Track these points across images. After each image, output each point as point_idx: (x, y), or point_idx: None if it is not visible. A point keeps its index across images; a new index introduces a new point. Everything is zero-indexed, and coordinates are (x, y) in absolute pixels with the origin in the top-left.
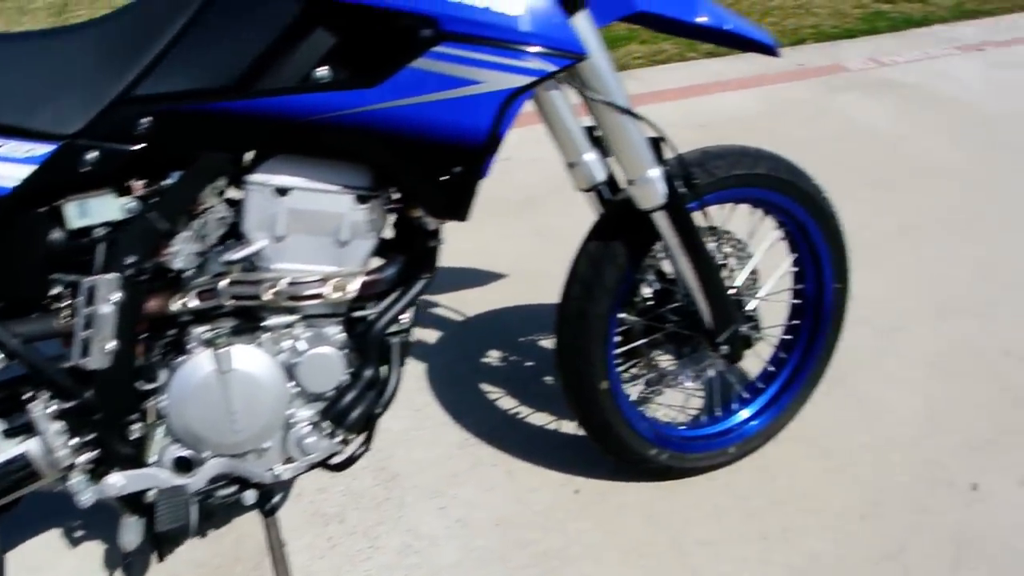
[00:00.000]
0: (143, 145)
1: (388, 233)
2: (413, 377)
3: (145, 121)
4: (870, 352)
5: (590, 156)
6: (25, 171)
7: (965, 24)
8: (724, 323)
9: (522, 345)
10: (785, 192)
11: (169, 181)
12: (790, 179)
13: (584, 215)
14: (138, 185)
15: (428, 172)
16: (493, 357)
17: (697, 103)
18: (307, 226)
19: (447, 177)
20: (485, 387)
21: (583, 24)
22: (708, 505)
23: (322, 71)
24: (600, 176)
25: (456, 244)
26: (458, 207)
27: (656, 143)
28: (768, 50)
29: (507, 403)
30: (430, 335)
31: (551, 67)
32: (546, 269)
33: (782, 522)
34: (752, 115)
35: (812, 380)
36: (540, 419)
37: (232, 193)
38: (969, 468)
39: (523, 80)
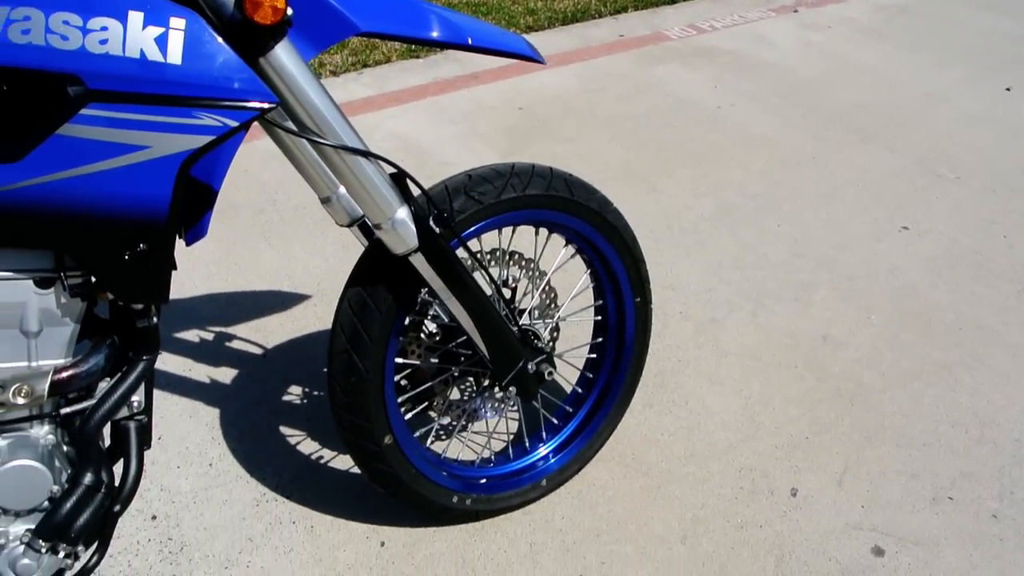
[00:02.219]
0: None
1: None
2: (206, 426)
3: None
4: (689, 350)
5: (343, 190)
6: None
7: None
8: (508, 363)
9: (325, 377)
10: (565, 210)
11: None
12: (568, 196)
13: None
14: None
15: (108, 252)
16: (294, 395)
17: (516, 83)
18: None
19: (132, 256)
20: (285, 431)
21: (279, 61)
22: (524, 544)
23: None
24: (359, 210)
25: (259, 261)
26: (151, 288)
27: (400, 180)
28: (529, 59)
29: (308, 447)
30: (226, 374)
31: (232, 122)
32: None
33: (600, 555)
34: (572, 93)
35: (623, 399)
36: (343, 463)
37: None
38: (788, 471)
39: (198, 140)
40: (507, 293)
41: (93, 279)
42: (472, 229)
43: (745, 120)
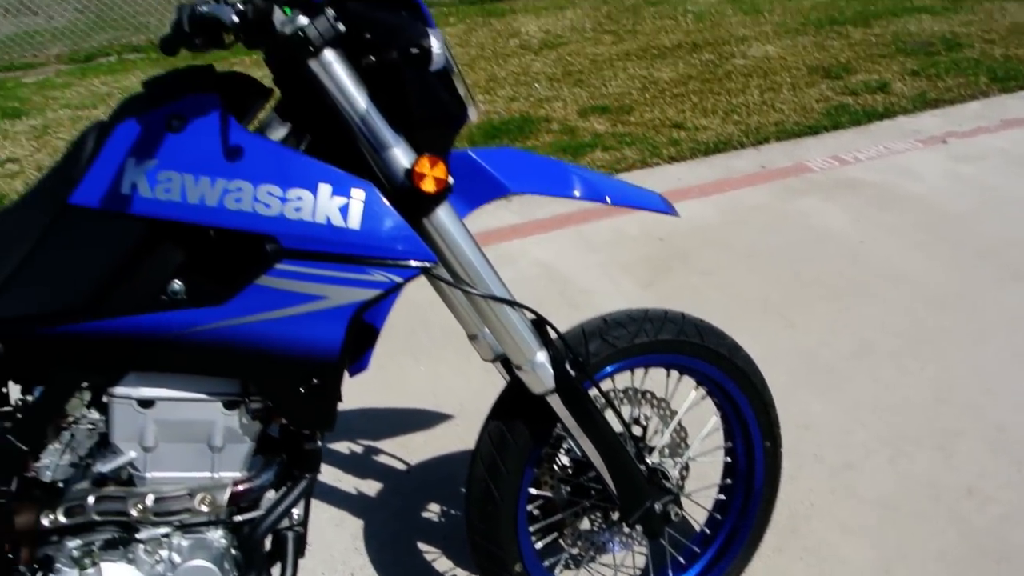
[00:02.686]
0: None
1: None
2: (350, 536)
3: None
4: (823, 494)
5: (488, 329)
6: None
7: (928, 114)
8: (635, 503)
9: (463, 497)
10: (695, 355)
11: (29, 399)
12: (699, 342)
13: None
14: None
15: (285, 385)
16: (433, 512)
17: (658, 215)
18: (176, 435)
19: (305, 389)
20: (423, 547)
21: (439, 220)
22: None
23: (174, 286)
24: (502, 349)
25: (407, 378)
26: (320, 417)
27: (540, 325)
28: (664, 213)
29: (443, 565)
30: (371, 486)
31: (397, 279)
32: None
33: None
34: (712, 224)
35: (751, 543)
36: None
37: (97, 406)
38: None
39: (369, 294)
40: (637, 431)
41: (271, 405)
42: (606, 371)
43: (888, 255)
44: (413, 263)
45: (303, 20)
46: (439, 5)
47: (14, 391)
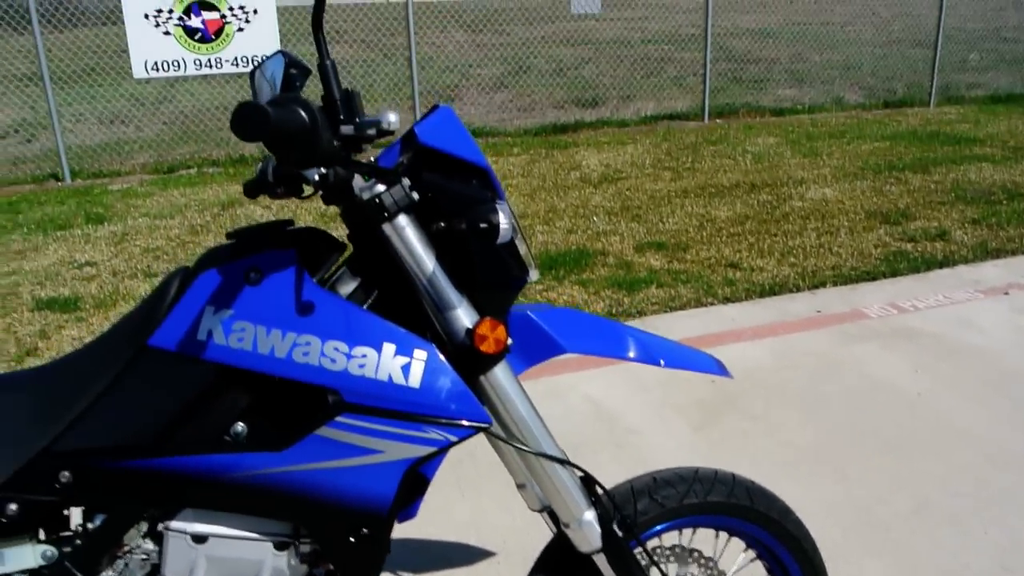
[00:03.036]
0: (62, 497)
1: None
2: None
3: (65, 475)
4: None
5: None
6: None
7: (990, 264)
8: None
9: None
10: (745, 518)
11: (90, 526)
12: (749, 505)
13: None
14: (57, 532)
15: (335, 532)
16: None
17: (721, 355)
18: (226, 572)
19: (355, 538)
20: None
21: (496, 379)
22: None
23: (237, 428)
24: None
25: (452, 510)
26: (367, 566)
27: (589, 482)
28: (718, 375)
29: None
30: None
31: (453, 438)
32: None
33: None
34: (765, 368)
35: None
36: None
37: (153, 537)
38: None
39: (424, 450)
40: None
41: (320, 550)
42: (654, 529)
43: (948, 409)
44: (468, 423)
45: (380, 188)
46: (504, 135)
47: (75, 516)
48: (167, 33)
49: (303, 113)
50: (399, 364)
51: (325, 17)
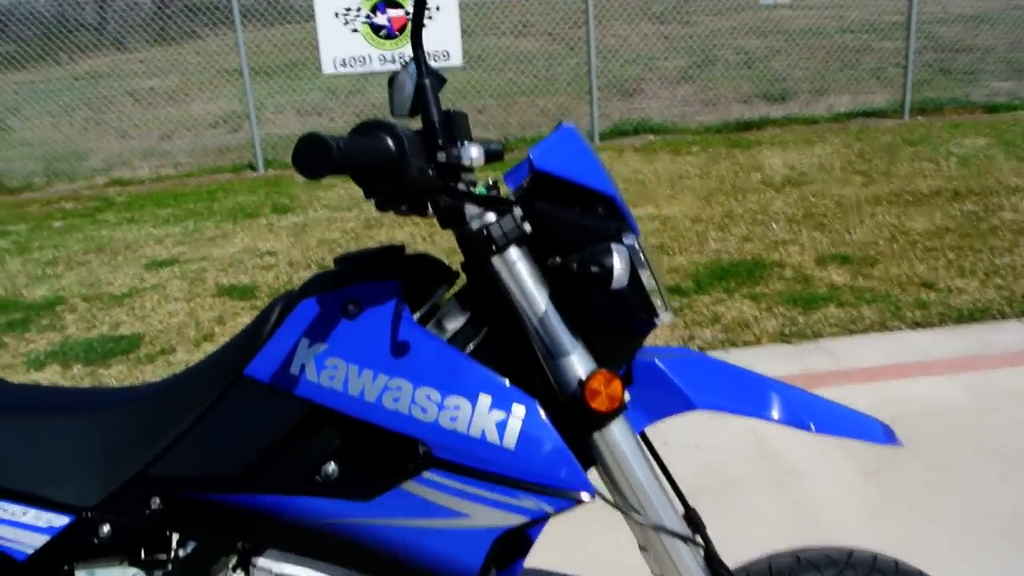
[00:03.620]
0: (153, 523)
1: None
2: None
3: (156, 501)
4: None
5: None
6: (41, 540)
7: None
8: None
9: None
10: None
11: (181, 553)
12: None
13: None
14: (149, 556)
15: None
16: None
17: (893, 388)
18: None
19: None
20: None
21: (612, 437)
22: None
23: (328, 469)
24: None
25: (584, 544)
26: None
27: (712, 561)
28: (881, 444)
29: None
30: None
31: (549, 508)
32: None
33: None
34: (958, 408)
35: None
36: None
37: (244, 568)
38: None
39: (515, 519)
40: None
41: None
42: None
43: None
44: (569, 494)
45: (490, 218)
46: (683, 131)
47: (168, 542)
48: (355, 30)
49: (390, 142)
50: (494, 420)
51: (508, 10)
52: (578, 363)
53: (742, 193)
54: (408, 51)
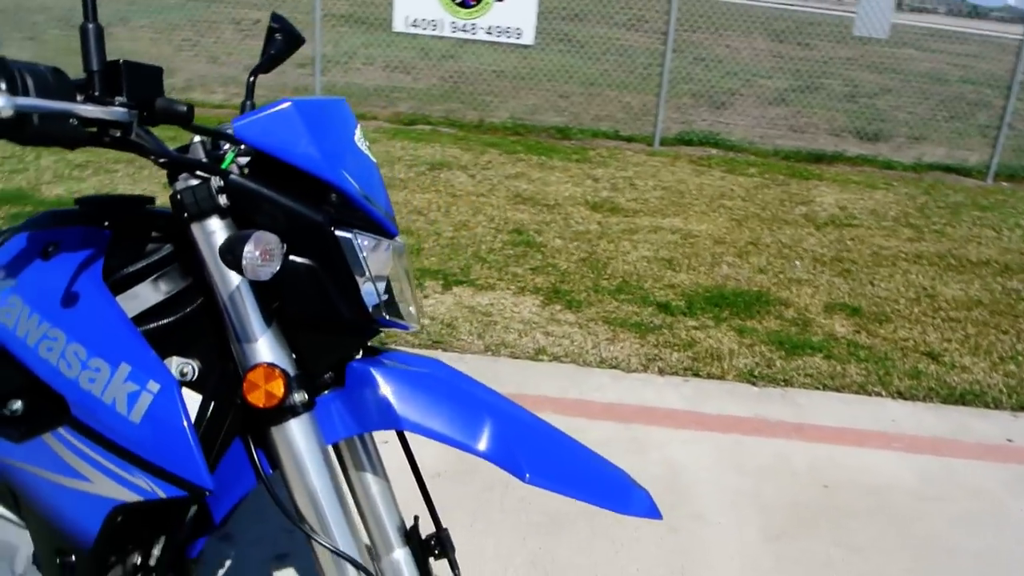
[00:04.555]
0: None
1: None
2: None
3: None
4: None
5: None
6: None
7: None
8: None
9: None
10: None
11: None
12: None
13: None
14: None
15: (45, 550)
16: None
17: (839, 453)
18: None
19: (60, 561)
20: None
21: (289, 436)
22: None
23: (13, 406)
24: None
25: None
26: None
27: None
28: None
29: None
30: None
31: (161, 493)
32: None
33: None
34: (900, 490)
35: None
36: None
37: None
38: None
39: (129, 496)
40: None
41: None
42: None
43: None
44: (184, 483)
45: (190, 182)
46: (748, 152)
47: None
48: None
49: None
50: (127, 391)
51: (628, 2)
52: (264, 350)
53: (779, 224)
54: (480, 21)
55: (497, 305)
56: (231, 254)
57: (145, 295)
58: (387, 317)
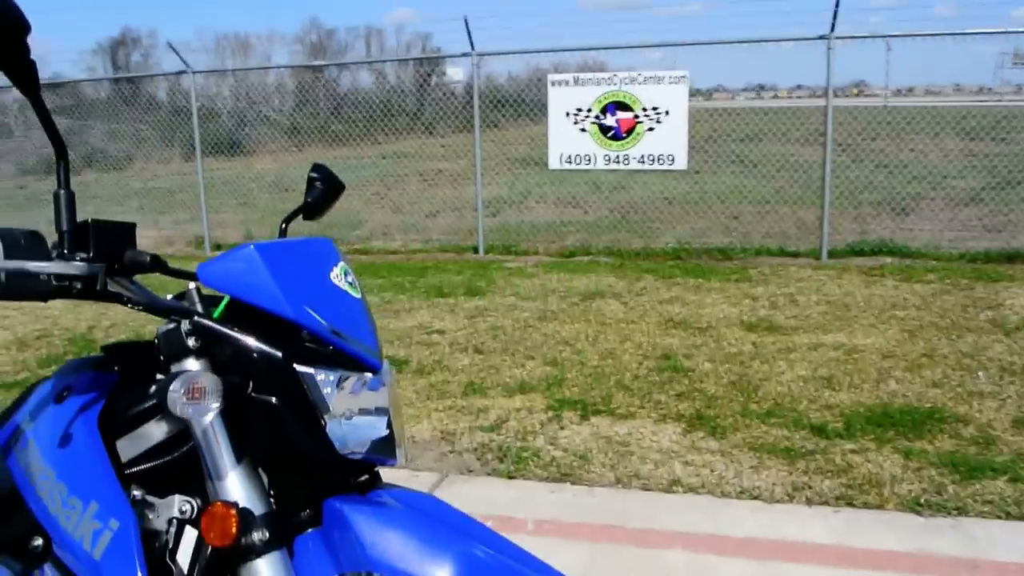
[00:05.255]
0: None
1: None
2: None
3: None
4: None
5: None
6: None
7: None
8: None
9: None
10: None
11: None
12: None
13: None
14: None
15: None
16: None
17: None
18: None
19: None
20: None
21: (255, 573)
22: None
23: (35, 543)
24: None
25: None
26: None
27: None
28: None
29: None
30: None
31: None
32: None
33: None
34: None
35: None
36: None
37: None
38: None
39: None
40: None
41: None
42: None
43: None
44: None
45: (169, 326)
46: (925, 256)
47: None
48: (583, 130)
49: None
50: (92, 528)
51: (802, 118)
52: (225, 489)
53: (959, 332)
54: (632, 152)
55: (635, 434)
56: (160, 392)
57: (149, 434)
58: (364, 453)
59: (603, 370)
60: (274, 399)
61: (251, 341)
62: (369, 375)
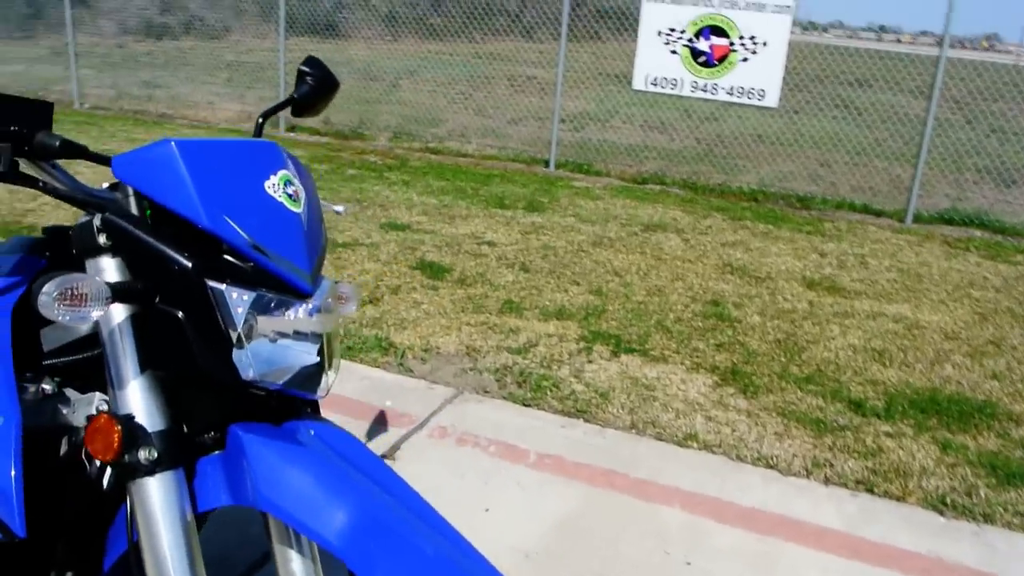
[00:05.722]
0: None
1: None
2: None
3: None
4: None
5: None
6: None
7: None
8: None
9: None
10: None
11: None
12: None
13: None
14: None
15: None
16: None
17: None
18: None
19: None
20: None
21: (144, 494)
22: None
23: None
24: None
25: None
26: None
27: None
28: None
29: None
30: None
31: None
32: None
33: None
34: None
35: None
36: None
37: None
38: None
39: None
40: None
41: None
42: None
43: None
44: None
45: (84, 219)
46: (1020, 235)
47: None
48: (673, 52)
49: None
50: None
51: (922, 67)
52: (124, 399)
53: None
54: (721, 81)
55: (663, 380)
56: (33, 294)
57: (72, 328)
58: (282, 383)
59: (646, 307)
60: (180, 313)
61: (162, 247)
62: (298, 300)
